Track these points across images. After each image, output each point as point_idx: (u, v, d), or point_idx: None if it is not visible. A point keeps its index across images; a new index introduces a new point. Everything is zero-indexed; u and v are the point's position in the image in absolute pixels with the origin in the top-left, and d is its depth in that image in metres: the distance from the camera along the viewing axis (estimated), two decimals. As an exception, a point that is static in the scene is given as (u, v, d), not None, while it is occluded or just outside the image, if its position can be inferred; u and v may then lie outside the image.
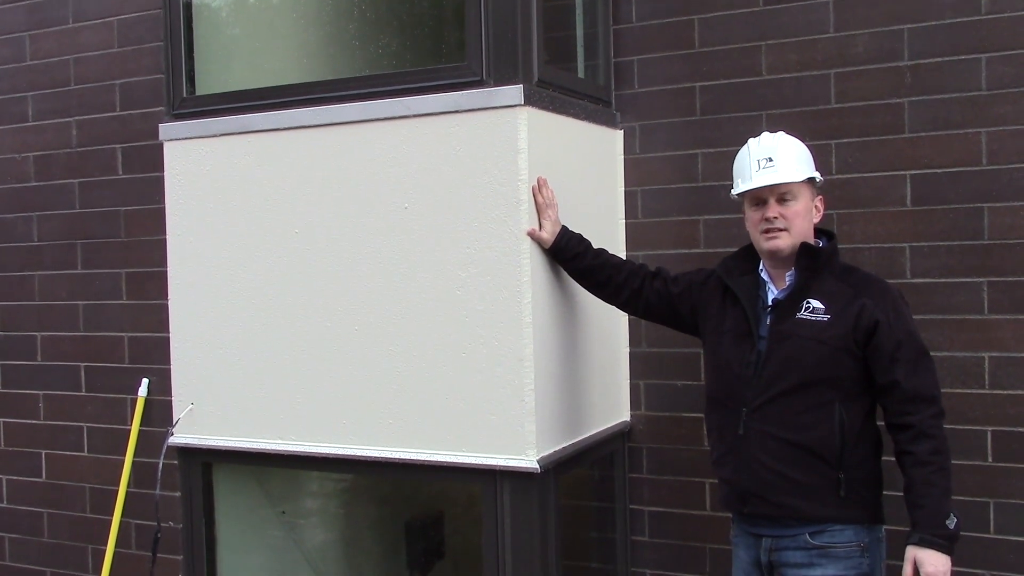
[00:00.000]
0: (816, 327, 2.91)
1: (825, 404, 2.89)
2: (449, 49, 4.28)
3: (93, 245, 4.85)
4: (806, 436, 2.89)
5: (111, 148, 4.79)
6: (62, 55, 4.91)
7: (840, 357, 2.89)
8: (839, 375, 2.89)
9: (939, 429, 2.83)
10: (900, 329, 2.88)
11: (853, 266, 3.10)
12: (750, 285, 3.06)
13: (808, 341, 2.90)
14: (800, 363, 2.91)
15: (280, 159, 3.65)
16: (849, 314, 2.89)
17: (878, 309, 2.88)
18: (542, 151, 3.36)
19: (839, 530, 2.89)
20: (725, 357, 3.05)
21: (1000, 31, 3.43)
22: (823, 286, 2.96)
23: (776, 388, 2.92)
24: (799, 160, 3.01)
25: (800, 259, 2.97)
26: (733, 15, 3.81)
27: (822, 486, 2.89)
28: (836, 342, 2.88)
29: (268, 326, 3.69)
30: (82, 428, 4.90)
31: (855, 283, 2.96)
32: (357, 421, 3.54)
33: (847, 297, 2.92)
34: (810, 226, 3.01)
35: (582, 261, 3.38)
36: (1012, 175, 3.42)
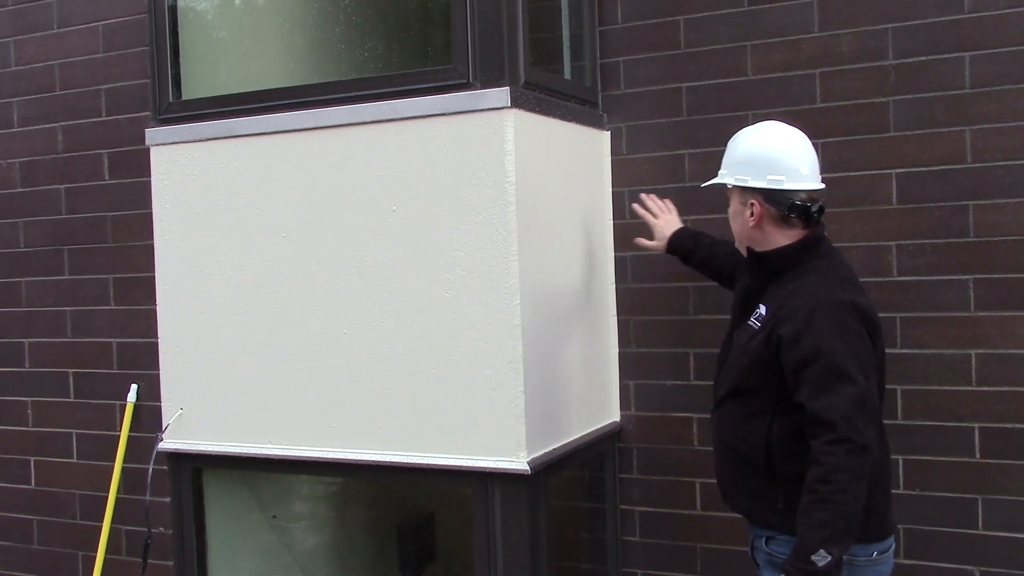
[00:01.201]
0: (750, 334, 2.82)
1: (757, 414, 2.79)
2: (435, 52, 4.28)
3: (80, 251, 4.83)
4: (743, 444, 2.83)
5: (97, 153, 4.77)
6: (47, 60, 4.89)
7: (760, 369, 2.75)
8: (762, 386, 2.77)
9: (832, 456, 2.55)
10: (808, 347, 2.62)
11: (824, 269, 2.81)
12: (742, 286, 3.03)
13: (741, 348, 2.84)
14: (732, 370, 2.87)
15: (267, 163, 3.65)
16: (768, 326, 2.74)
17: (787, 324, 2.67)
18: (529, 153, 3.36)
19: (785, 540, 2.75)
20: (720, 353, 3.07)
21: (983, 30, 3.45)
22: (776, 290, 2.82)
23: (720, 392, 2.94)
24: (730, 162, 2.92)
25: (751, 264, 2.93)
26: (718, 15, 3.82)
27: (763, 493, 2.81)
28: (755, 353, 2.76)
29: (256, 330, 3.68)
30: (71, 434, 4.89)
31: (792, 291, 2.75)
32: (347, 425, 3.54)
33: (778, 306, 2.75)
34: (743, 229, 2.90)
35: (693, 258, 3.47)
36: (996, 173, 3.44)
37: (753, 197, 2.83)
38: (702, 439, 3.86)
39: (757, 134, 2.93)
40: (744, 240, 2.92)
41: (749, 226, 2.86)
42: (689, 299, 3.88)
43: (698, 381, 3.85)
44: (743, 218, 2.87)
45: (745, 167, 2.86)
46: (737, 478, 2.89)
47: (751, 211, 2.84)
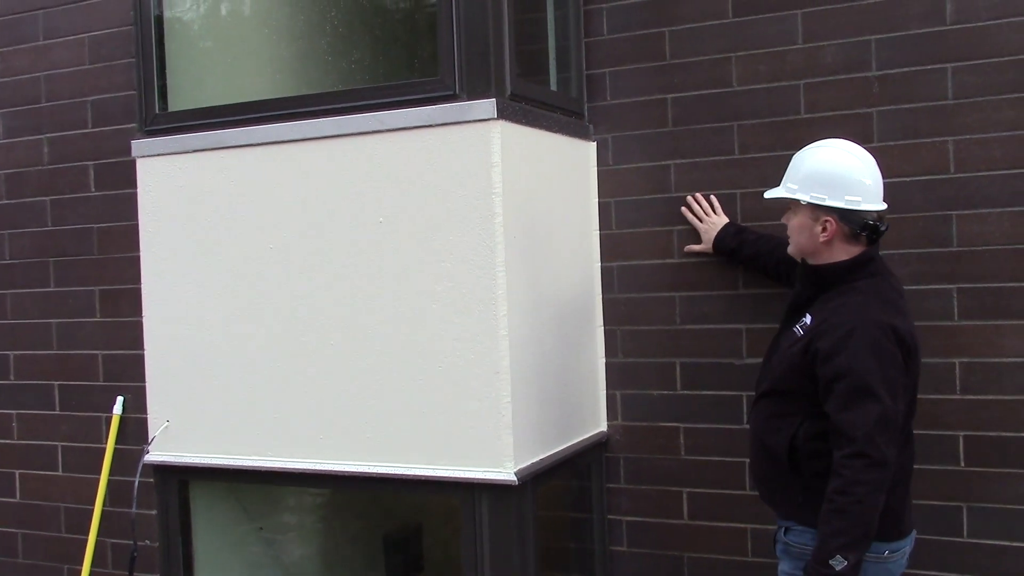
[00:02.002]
0: (791, 341, 3.00)
1: (787, 415, 2.98)
2: (422, 63, 4.29)
3: (66, 263, 4.81)
4: (769, 439, 3.02)
5: (83, 165, 4.76)
6: (33, 72, 4.88)
7: (795, 375, 2.94)
8: (796, 390, 2.95)
9: (851, 470, 2.73)
10: (843, 362, 2.78)
11: (870, 288, 2.93)
12: (796, 290, 3.17)
13: (783, 353, 3.03)
14: (773, 372, 3.07)
15: (253, 175, 3.65)
16: (808, 336, 2.91)
17: (827, 338, 2.83)
18: (516, 164, 3.37)
19: (801, 531, 2.97)
20: (766, 351, 3.24)
21: (965, 41, 3.47)
22: (825, 302, 2.96)
23: (759, 390, 3.12)
24: (805, 179, 2.97)
25: (804, 274, 3.07)
26: (703, 27, 3.84)
27: (785, 487, 3.03)
28: (793, 359, 2.94)
29: (243, 342, 3.68)
30: (56, 447, 4.86)
31: (838, 306, 2.90)
32: (334, 436, 3.54)
33: (822, 318, 2.91)
34: (809, 242, 2.99)
35: (738, 256, 3.67)
36: (979, 183, 3.47)
37: (828, 215, 2.93)
38: (689, 449, 3.87)
39: (832, 153, 3.00)
40: (808, 253, 3.03)
41: (819, 241, 2.96)
42: (675, 309, 3.89)
43: (685, 391, 3.86)
44: (812, 233, 2.97)
45: (820, 186, 2.94)
46: (766, 470, 3.09)
47: (823, 227, 2.94)
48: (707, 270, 3.83)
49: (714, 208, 3.76)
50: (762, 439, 3.06)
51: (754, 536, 3.78)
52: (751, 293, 3.76)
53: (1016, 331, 3.43)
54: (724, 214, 3.75)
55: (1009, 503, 3.45)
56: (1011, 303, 3.44)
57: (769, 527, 3.70)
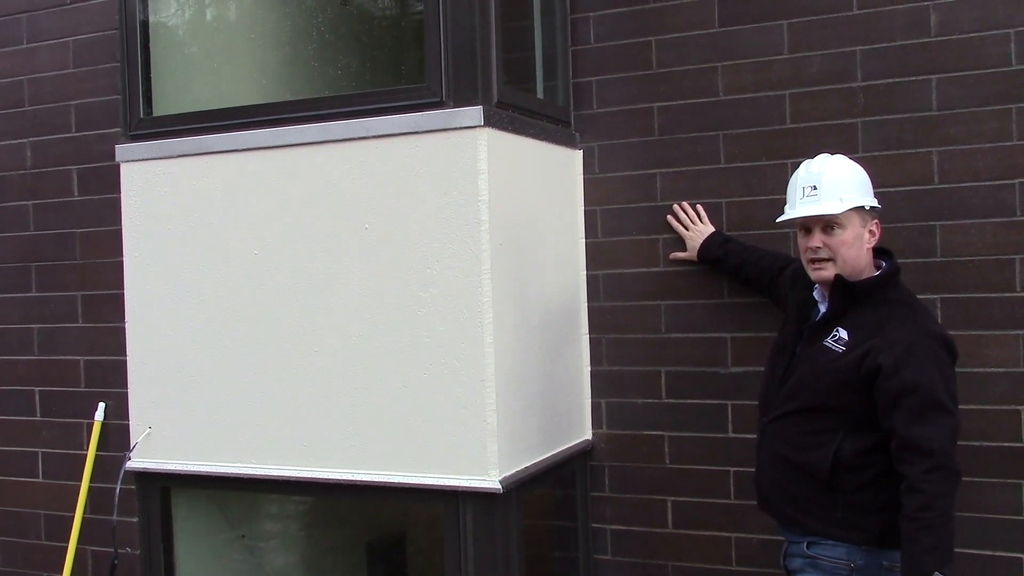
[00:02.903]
0: (831, 356, 2.95)
1: (827, 431, 2.94)
2: (409, 70, 4.29)
3: (48, 268, 4.78)
4: (801, 456, 2.98)
5: (66, 170, 4.73)
6: (16, 75, 4.85)
7: (843, 391, 2.90)
8: (843, 406, 2.92)
9: (932, 484, 2.74)
10: (909, 377, 2.78)
11: (904, 301, 3.00)
12: (803, 301, 3.14)
13: (821, 369, 2.96)
14: (809, 388, 2.99)
15: (238, 180, 3.64)
16: (859, 352, 2.88)
17: (887, 353, 2.82)
18: (502, 172, 3.37)
19: (832, 545, 2.96)
20: (769, 365, 3.21)
21: (949, 53, 3.50)
22: (858, 317, 2.95)
23: (787, 406, 3.05)
24: (846, 188, 2.95)
25: (834, 289, 2.99)
26: (689, 36, 3.85)
27: (818, 503, 2.97)
28: (840, 375, 2.90)
29: (227, 348, 3.66)
30: (37, 454, 4.82)
31: (885, 320, 2.90)
32: (317, 443, 3.52)
33: (868, 334, 2.90)
34: (860, 253, 2.97)
35: (720, 267, 3.69)
36: (963, 194, 3.49)
37: (874, 218, 3.00)
38: (673, 457, 3.87)
39: (848, 162, 3.05)
40: (851, 264, 2.96)
41: (867, 247, 2.98)
42: (661, 318, 3.89)
43: (669, 399, 3.87)
44: (862, 242, 2.97)
45: (866, 191, 2.99)
46: (786, 487, 3.05)
47: (871, 233, 2.98)
48: (692, 279, 3.83)
49: (700, 217, 3.77)
50: (788, 457, 3.01)
51: (738, 544, 3.78)
52: (736, 302, 3.77)
53: (999, 341, 3.45)
54: (710, 223, 3.76)
55: (991, 512, 3.47)
56: (994, 313, 3.46)
57: (753, 536, 3.72)
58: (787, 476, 3.04)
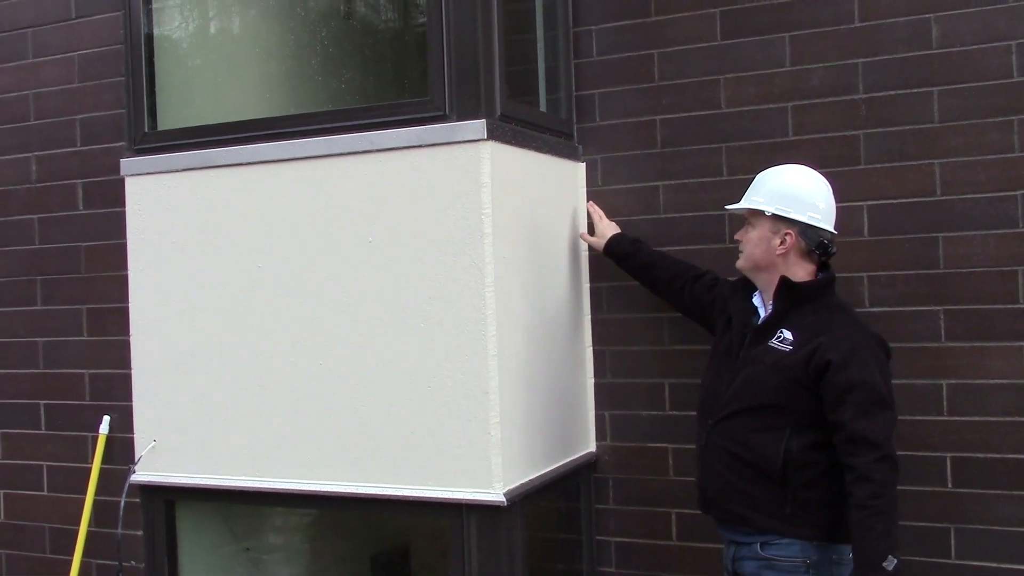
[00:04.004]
0: (777, 355, 3.08)
1: (775, 428, 3.05)
2: (412, 84, 4.31)
3: (53, 281, 4.79)
4: (752, 454, 3.07)
5: (71, 183, 4.75)
6: (21, 90, 4.87)
7: (792, 388, 3.03)
8: (791, 404, 3.03)
9: (882, 473, 2.89)
10: (855, 373, 2.95)
11: (843, 306, 3.19)
12: (744, 309, 3.25)
13: (768, 368, 3.08)
14: (757, 387, 3.10)
15: (243, 194, 3.65)
16: (807, 349, 3.02)
17: (834, 350, 2.97)
18: (505, 185, 3.38)
19: (786, 544, 3.03)
20: (711, 372, 3.30)
21: (950, 65, 3.51)
22: (800, 319, 3.10)
23: (734, 406, 3.13)
24: (766, 193, 3.16)
25: (779, 291, 3.14)
26: (692, 49, 3.86)
27: (768, 499, 3.05)
28: (790, 372, 3.03)
29: (231, 361, 3.67)
30: (42, 467, 4.83)
31: (827, 321, 3.07)
32: (322, 456, 3.52)
33: (813, 333, 3.04)
34: (765, 255, 3.16)
35: (631, 262, 3.74)
36: (965, 205, 3.49)
37: (789, 228, 3.12)
38: (678, 470, 3.86)
39: (797, 173, 3.22)
40: (761, 266, 3.17)
41: (775, 253, 3.13)
42: (664, 330, 3.90)
43: (673, 411, 3.87)
44: (770, 245, 3.13)
45: (787, 200, 3.13)
46: (736, 485, 3.11)
47: (781, 240, 3.12)
48: (695, 291, 3.83)
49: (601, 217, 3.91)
50: (738, 455, 3.09)
51: (742, 557, 3.77)
52: (739, 314, 3.77)
53: (1002, 353, 3.45)
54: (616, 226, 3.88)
55: (997, 524, 3.46)
56: (997, 325, 3.46)
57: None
58: (737, 474, 3.10)
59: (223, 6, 4.59)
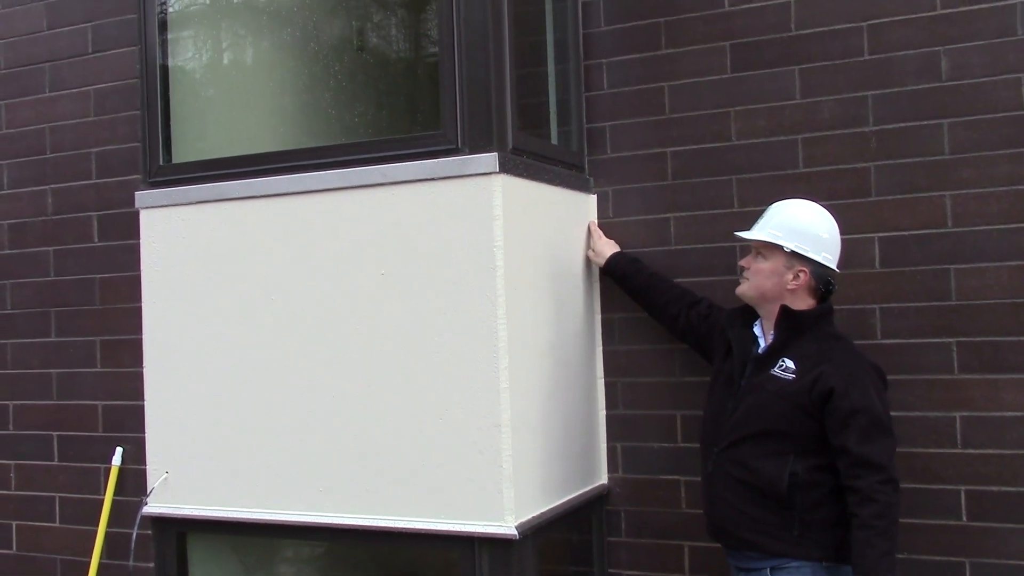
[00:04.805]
0: (781, 383, 3.15)
1: (780, 454, 3.11)
2: (424, 117, 4.34)
3: (67, 313, 4.82)
4: (758, 478, 3.13)
5: (87, 216, 4.79)
6: (38, 124, 4.93)
7: (797, 415, 3.10)
8: (795, 431, 3.10)
9: (886, 494, 2.97)
10: (858, 399, 3.03)
11: (840, 336, 3.26)
12: (744, 338, 3.30)
13: (772, 395, 3.15)
14: (761, 414, 3.16)
15: (256, 226, 3.67)
16: (810, 377, 3.10)
17: (836, 377, 3.06)
18: (517, 217, 3.40)
19: (796, 567, 3.09)
20: (713, 401, 3.34)
21: (960, 97, 3.52)
22: (802, 348, 3.17)
23: (739, 433, 3.19)
24: (782, 227, 3.22)
25: (780, 320, 3.20)
26: (702, 82, 3.89)
27: (776, 523, 3.11)
28: (794, 399, 3.10)
29: (243, 393, 3.68)
30: (54, 498, 4.84)
31: (828, 350, 3.15)
32: (333, 488, 3.52)
33: (815, 361, 3.13)
34: (775, 288, 3.23)
35: (629, 283, 3.80)
36: (977, 237, 3.49)
37: (803, 266, 3.20)
38: (690, 502, 3.85)
39: (816, 213, 3.29)
40: (768, 297, 3.24)
41: (786, 287, 3.21)
42: (675, 361, 3.90)
43: (685, 443, 3.85)
44: (781, 279, 3.21)
45: (804, 238, 3.21)
46: (744, 510, 3.16)
47: (794, 275, 3.20)
48: (707, 322, 3.83)
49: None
50: (746, 481, 3.15)
51: (756, 591, 3.75)
52: (751, 346, 3.77)
53: (1016, 385, 3.43)
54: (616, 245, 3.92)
55: (1012, 558, 3.43)
56: (1010, 357, 3.44)
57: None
58: (744, 499, 3.16)
59: (236, 39, 4.64)
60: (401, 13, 4.80)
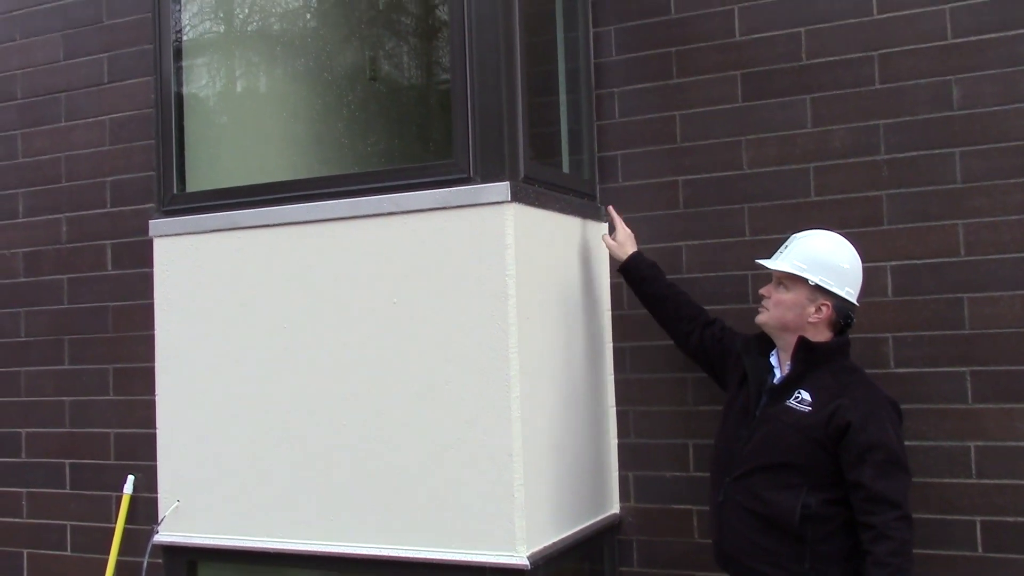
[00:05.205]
0: (797, 416, 3.12)
1: (793, 487, 3.08)
2: (436, 146, 4.36)
3: (81, 340, 4.84)
4: (770, 510, 3.10)
5: (101, 244, 4.82)
6: (54, 153, 4.97)
7: (812, 447, 3.06)
8: (810, 463, 3.07)
9: (901, 532, 2.93)
10: (874, 434, 3.00)
11: (856, 368, 3.23)
12: (760, 367, 3.28)
13: (787, 427, 3.12)
14: (776, 445, 3.13)
15: (269, 255, 3.69)
16: (826, 410, 3.06)
17: (853, 411, 3.02)
18: (529, 246, 3.41)
19: None
20: (726, 429, 3.31)
21: (972, 127, 3.52)
22: (818, 380, 3.14)
23: (752, 463, 3.16)
24: (807, 259, 3.20)
25: (797, 351, 3.18)
26: (713, 111, 3.90)
27: (787, 555, 3.08)
28: (810, 432, 3.07)
29: (254, 422, 3.68)
30: (65, 526, 4.83)
31: (845, 384, 3.12)
32: (343, 517, 3.51)
33: (832, 395, 3.09)
34: (796, 320, 3.20)
35: (647, 288, 3.67)
36: (989, 266, 3.48)
37: (826, 300, 3.18)
38: (702, 531, 3.82)
39: (841, 247, 3.26)
40: (789, 328, 3.21)
41: (807, 320, 3.18)
42: (688, 390, 3.89)
43: (698, 472, 3.84)
44: (803, 311, 3.18)
45: (828, 272, 3.18)
46: (755, 542, 3.13)
47: (816, 308, 3.17)
48: (719, 351, 3.82)
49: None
50: (758, 512, 3.12)
51: (769, 622, 3.71)
52: (764, 374, 3.75)
53: (1031, 414, 3.42)
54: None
55: (1029, 590, 3.40)
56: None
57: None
58: (755, 530, 3.13)
59: (250, 69, 4.68)
60: (414, 42, 4.84)
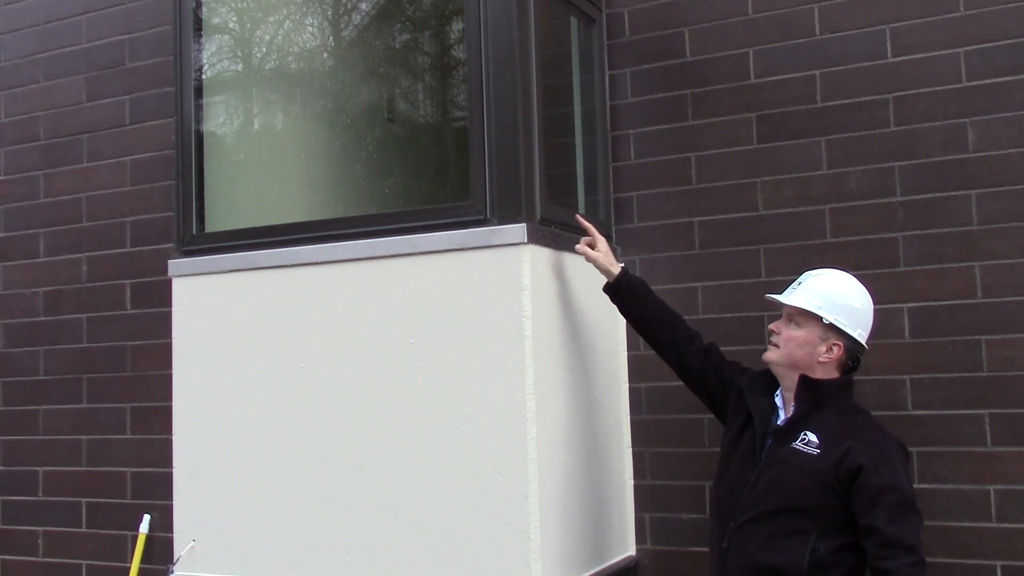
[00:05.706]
0: (805, 459, 3.01)
1: (801, 532, 2.97)
2: (454, 186, 4.39)
3: (99, 379, 4.87)
4: (776, 558, 2.98)
5: (120, 284, 4.86)
6: (75, 193, 5.03)
7: (821, 491, 2.96)
8: (819, 508, 2.96)
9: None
10: (887, 477, 2.91)
11: (861, 408, 3.14)
12: (764, 406, 3.18)
13: (795, 471, 3.01)
14: (783, 490, 3.02)
15: (287, 295, 3.71)
16: (836, 453, 2.96)
17: (864, 454, 2.93)
18: (545, 287, 3.42)
19: None
20: (731, 472, 3.17)
21: (988, 169, 3.53)
22: (824, 421, 3.04)
23: (758, 509, 3.04)
24: (821, 297, 3.10)
25: (800, 391, 3.09)
26: (729, 152, 3.92)
27: None
28: (819, 476, 2.96)
29: (271, 462, 3.68)
30: (81, 566, 4.83)
31: (853, 425, 3.03)
32: (360, 558, 3.50)
33: (840, 436, 2.99)
34: (806, 358, 3.09)
35: (639, 307, 3.48)
36: (1008, 308, 3.47)
37: (838, 340, 3.09)
38: (720, 575, 3.79)
39: (854, 288, 3.17)
40: (799, 366, 3.11)
41: (817, 359, 3.09)
42: (704, 431, 3.87)
43: (715, 515, 3.81)
44: (814, 350, 3.09)
45: (844, 312, 3.10)
46: None
47: (828, 348, 3.08)
48: (736, 392, 3.82)
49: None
50: (763, 561, 2.99)
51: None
52: (780, 416, 3.74)
53: (1051, 457, 3.39)
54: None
55: (1051, 636, 3.36)
56: (1044, 429, 3.41)
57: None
58: None
59: (269, 111, 4.73)
60: (431, 84, 4.88)
